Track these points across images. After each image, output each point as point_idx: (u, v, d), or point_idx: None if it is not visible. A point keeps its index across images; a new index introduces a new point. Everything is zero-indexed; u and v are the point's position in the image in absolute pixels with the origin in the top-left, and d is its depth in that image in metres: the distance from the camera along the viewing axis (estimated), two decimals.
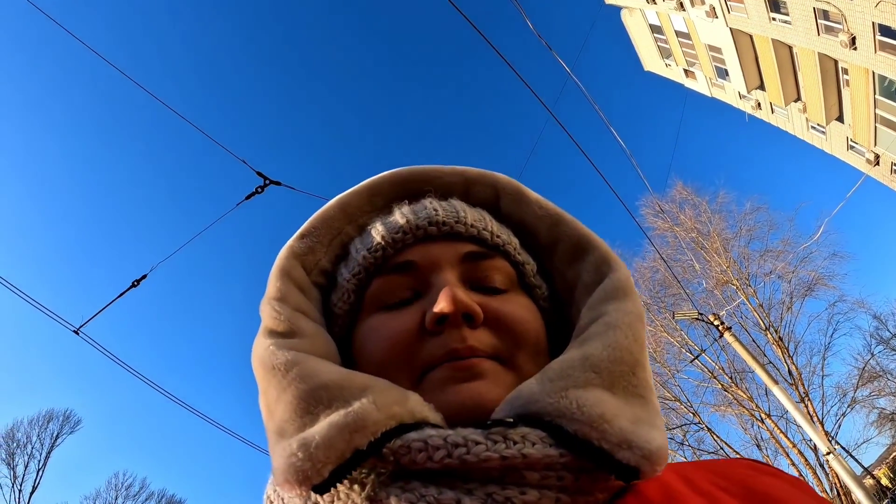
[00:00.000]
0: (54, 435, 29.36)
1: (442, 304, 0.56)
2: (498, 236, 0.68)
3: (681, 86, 25.21)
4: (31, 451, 28.39)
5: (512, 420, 0.48)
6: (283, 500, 0.56)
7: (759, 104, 21.21)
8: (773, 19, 16.75)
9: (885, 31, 13.52)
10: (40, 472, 28.28)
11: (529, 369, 0.57)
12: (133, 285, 7.81)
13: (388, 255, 0.65)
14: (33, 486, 27.90)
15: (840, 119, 17.86)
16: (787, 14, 16.15)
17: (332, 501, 0.50)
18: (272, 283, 0.64)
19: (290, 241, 0.69)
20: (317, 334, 0.60)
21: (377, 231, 0.67)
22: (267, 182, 7.56)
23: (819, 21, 15.22)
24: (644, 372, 0.55)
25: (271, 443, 0.51)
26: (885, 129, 15.94)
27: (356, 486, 0.48)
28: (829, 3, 14.23)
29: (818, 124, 18.81)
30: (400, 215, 0.68)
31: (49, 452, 28.83)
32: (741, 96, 21.65)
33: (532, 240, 0.73)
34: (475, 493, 0.45)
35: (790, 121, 20.44)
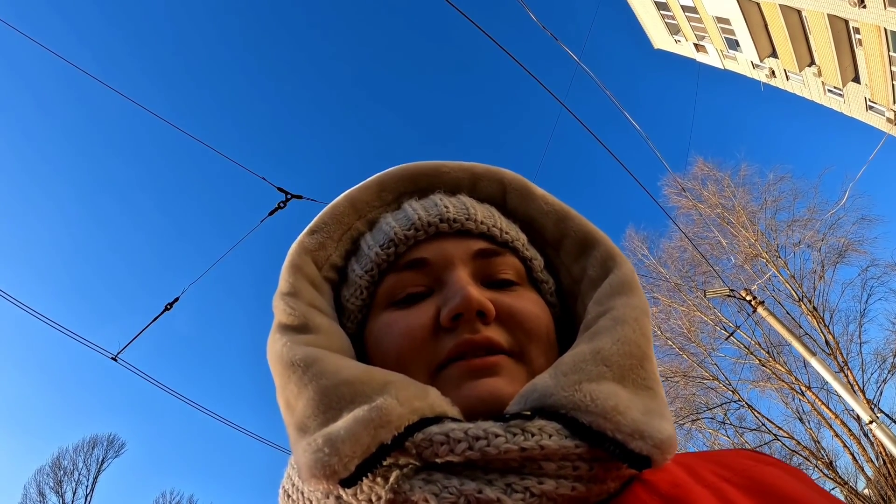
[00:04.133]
0: (100, 460, 29.86)
1: (456, 302, 0.58)
2: (507, 233, 0.70)
3: (692, 61, 24.91)
4: (79, 478, 28.92)
5: (529, 413, 0.50)
6: (302, 493, 0.58)
7: (773, 72, 20.87)
8: None
9: None
10: (88, 498, 28.77)
11: (540, 363, 0.60)
12: (166, 308, 7.90)
13: (399, 252, 0.66)
14: None
15: (856, 80, 17.50)
16: None
17: (356, 494, 0.51)
18: (284, 279, 0.65)
19: (300, 237, 0.70)
20: (331, 329, 0.61)
21: (389, 227, 0.68)
22: (288, 197, 7.56)
23: None
24: (651, 364, 0.58)
25: (293, 438, 0.52)
26: None
27: (379, 480, 0.50)
28: None
29: (835, 87, 18.46)
30: (411, 211, 0.69)
31: (96, 478, 29.31)
32: (754, 66, 21.34)
33: (538, 235, 0.74)
34: (495, 483, 0.46)
35: (806, 86, 20.08)
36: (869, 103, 17.71)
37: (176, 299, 8.02)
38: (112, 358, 8.10)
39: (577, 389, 0.51)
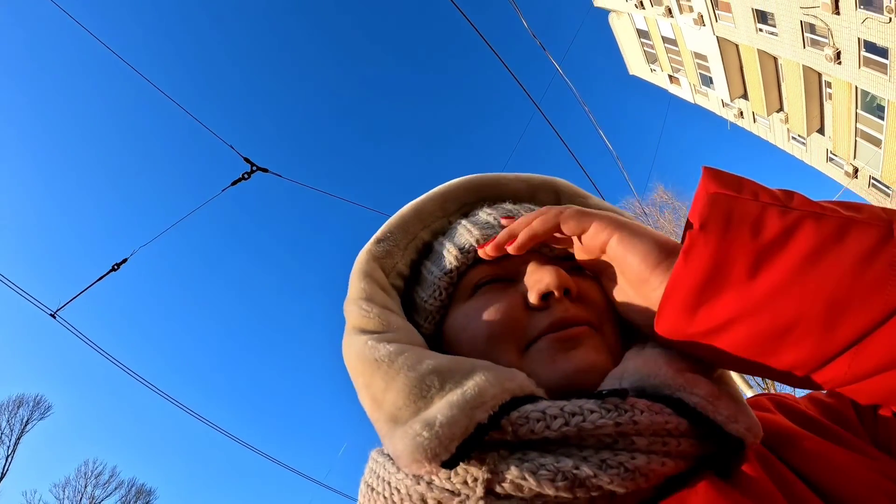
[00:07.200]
0: (24, 421, 29.05)
1: (547, 281, 0.61)
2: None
3: (665, 91, 25.45)
4: (0, 437, 27.83)
5: (624, 389, 0.52)
6: (388, 483, 0.57)
7: (741, 113, 21.48)
8: (760, 30, 16.96)
9: (870, 47, 13.78)
10: (9, 459, 27.87)
11: (612, 341, 0.64)
12: (113, 269, 7.62)
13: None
14: (2, 473, 27.47)
15: (821, 131, 18.18)
16: (774, 26, 16.37)
17: (450, 478, 0.51)
18: (355, 285, 0.67)
19: (367, 246, 0.73)
20: (407, 328, 0.63)
21: (468, 232, 0.72)
22: (254, 168, 7.48)
23: (805, 34, 15.47)
24: None
25: (384, 431, 0.53)
26: (864, 143, 16.24)
27: (473, 461, 0.50)
28: (816, 17, 14.43)
29: (799, 135, 19.12)
30: (486, 215, 0.74)
31: (18, 439, 28.44)
32: (724, 104, 21.92)
33: None
34: (590, 459, 0.48)
35: (771, 130, 20.76)
36: (830, 155, 18.42)
37: (124, 260, 7.75)
38: (51, 314, 7.79)
39: (679, 374, 0.55)
